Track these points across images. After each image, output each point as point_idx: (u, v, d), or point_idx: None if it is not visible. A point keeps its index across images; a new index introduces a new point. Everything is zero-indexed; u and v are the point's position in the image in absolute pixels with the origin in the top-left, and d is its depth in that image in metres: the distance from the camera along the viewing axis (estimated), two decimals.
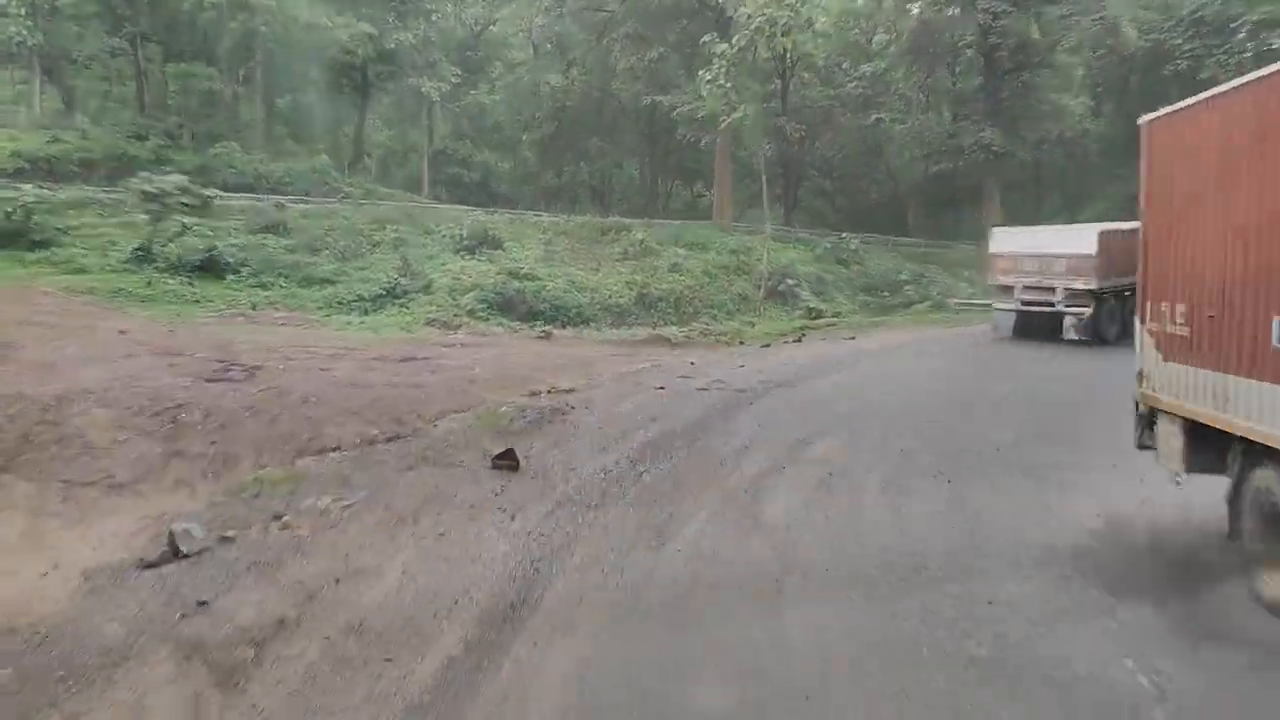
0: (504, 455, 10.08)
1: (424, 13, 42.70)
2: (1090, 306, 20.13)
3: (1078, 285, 20.18)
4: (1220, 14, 39.02)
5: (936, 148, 42.87)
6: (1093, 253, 19.86)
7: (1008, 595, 6.56)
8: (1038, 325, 21.12)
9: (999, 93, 41.17)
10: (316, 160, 39.45)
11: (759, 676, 5.46)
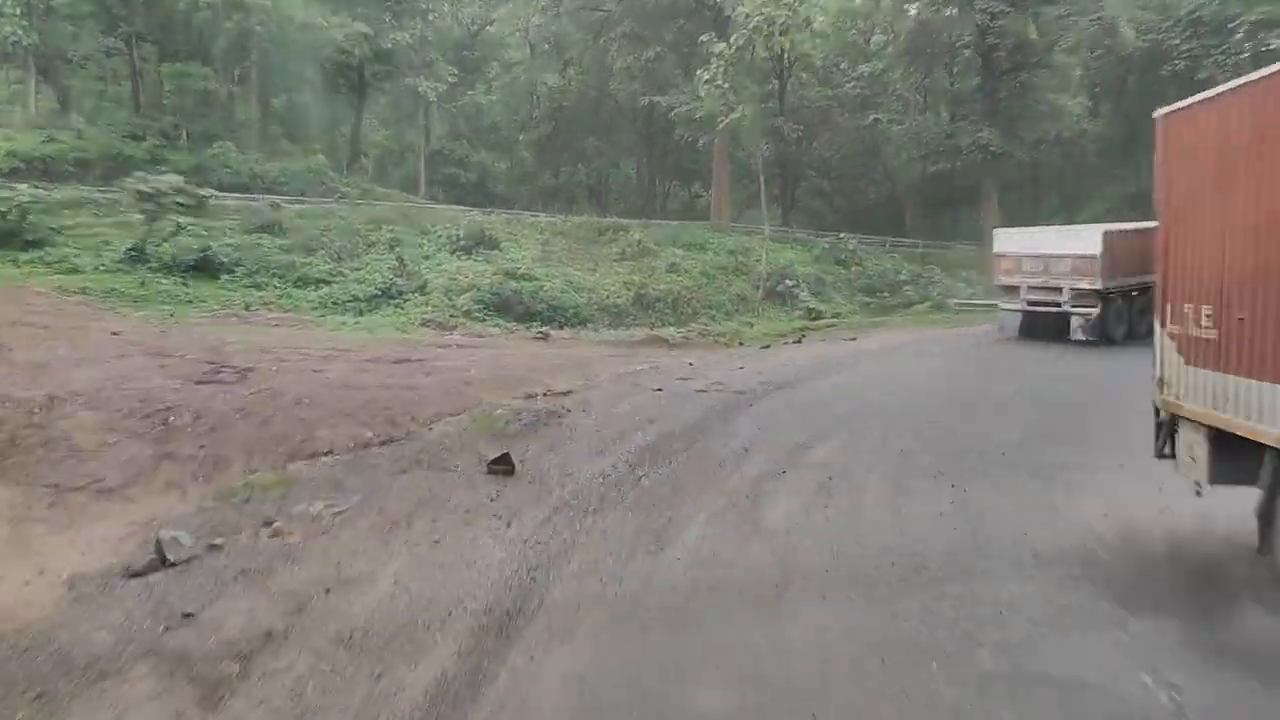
0: (500, 459, 9.91)
1: (420, 12, 42.65)
2: (1097, 307, 20.27)
3: (1084, 285, 20.27)
4: (1218, 14, 39.07)
5: (934, 148, 42.83)
6: (1097, 253, 20.00)
7: (1010, 596, 6.45)
8: (1044, 325, 21.24)
9: (997, 93, 41.15)
10: (312, 160, 39.38)
11: (759, 683, 5.34)
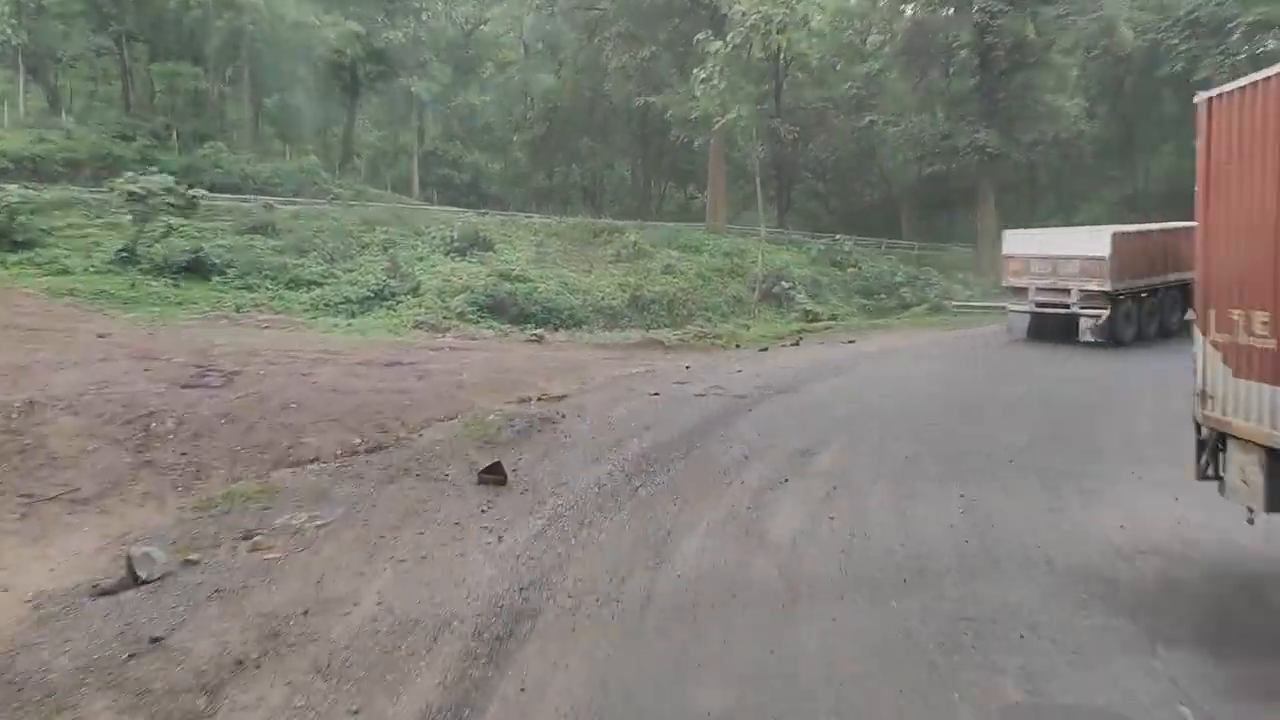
0: (491, 469, 9.57)
1: (413, 11, 42.29)
2: (1107, 308, 20.13)
3: (1093, 287, 20.17)
4: (1216, 15, 38.95)
5: (930, 149, 42.55)
6: (1106, 255, 19.89)
7: (1030, 618, 6.12)
8: (1052, 327, 21.13)
9: (994, 94, 40.93)
10: (305, 161, 39.03)
11: (768, 715, 5.01)
